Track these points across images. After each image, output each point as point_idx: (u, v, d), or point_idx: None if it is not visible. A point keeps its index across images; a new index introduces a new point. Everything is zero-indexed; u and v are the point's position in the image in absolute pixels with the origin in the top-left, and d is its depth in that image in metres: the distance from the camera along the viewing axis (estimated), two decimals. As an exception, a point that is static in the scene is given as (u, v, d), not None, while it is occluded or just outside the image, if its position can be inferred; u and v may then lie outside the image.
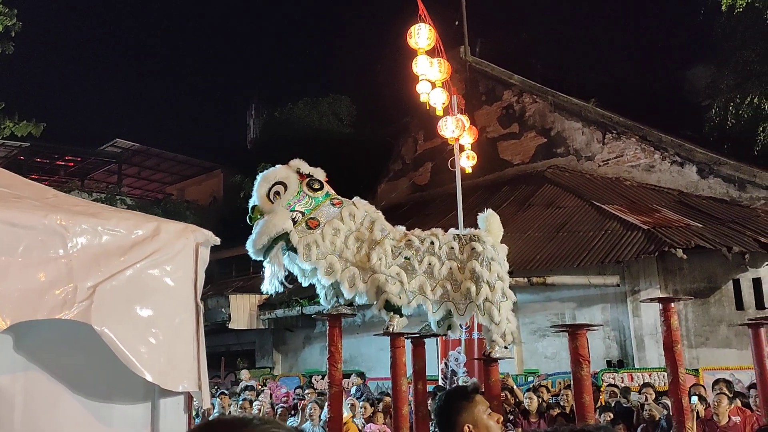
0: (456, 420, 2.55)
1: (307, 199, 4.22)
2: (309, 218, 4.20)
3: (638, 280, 12.21)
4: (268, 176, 4.26)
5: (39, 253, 1.32)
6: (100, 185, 26.12)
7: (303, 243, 4.17)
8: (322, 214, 4.24)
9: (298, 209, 4.20)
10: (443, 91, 11.20)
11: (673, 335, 4.42)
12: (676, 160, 15.52)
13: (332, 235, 4.20)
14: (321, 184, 4.29)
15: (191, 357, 1.52)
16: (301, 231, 4.18)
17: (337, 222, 4.23)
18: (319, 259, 4.19)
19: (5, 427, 1.33)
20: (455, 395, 2.74)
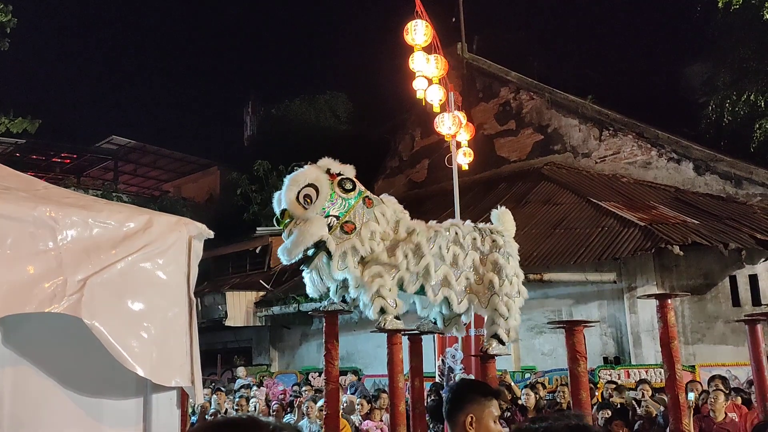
0: (464, 407, 2.55)
1: (340, 201, 4.03)
2: (344, 222, 4.02)
3: (635, 277, 12.22)
4: (297, 178, 4.06)
5: (28, 246, 1.30)
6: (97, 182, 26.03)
7: (340, 251, 4.03)
8: (357, 217, 4.08)
9: (333, 213, 4.00)
10: (440, 87, 11.17)
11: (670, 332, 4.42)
12: (672, 157, 15.53)
13: (369, 239, 4.07)
14: (353, 184, 4.09)
15: (184, 352, 1.49)
16: (337, 237, 4.02)
17: (373, 224, 4.09)
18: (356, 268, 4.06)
19: (-6, 422, 1.31)
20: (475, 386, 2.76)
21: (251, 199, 22.35)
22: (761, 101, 15.49)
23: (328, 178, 4.08)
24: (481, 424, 2.53)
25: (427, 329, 5.06)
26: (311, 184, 4.03)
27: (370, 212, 4.13)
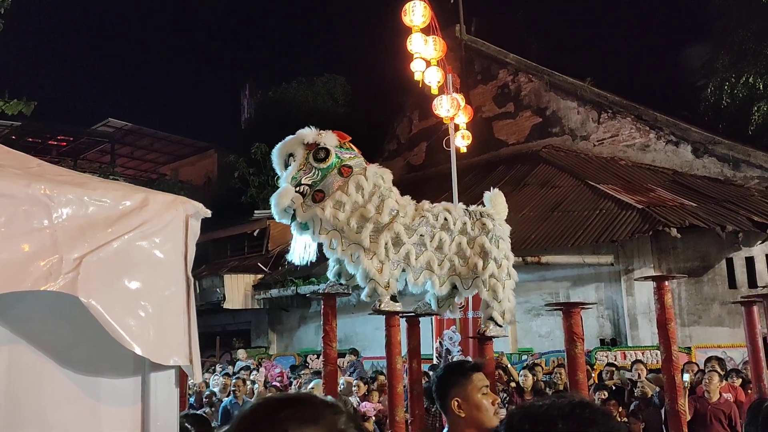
0: (447, 393, 2.55)
1: (314, 172, 4.10)
2: (315, 191, 4.08)
3: (632, 259, 12.26)
4: (280, 150, 4.18)
5: (22, 224, 1.28)
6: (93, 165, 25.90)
7: (307, 217, 4.08)
8: (327, 185, 4.12)
9: (305, 182, 4.04)
10: (438, 69, 11.11)
11: (667, 313, 4.43)
12: (671, 139, 15.50)
13: (333, 208, 4.08)
14: (327, 153, 4.12)
15: (182, 331, 1.49)
16: (306, 205, 4.09)
17: (339, 194, 4.10)
18: (322, 234, 4.11)
19: (-10, 401, 1.30)
20: (452, 369, 2.74)
21: (249, 182, 22.32)
22: (760, 83, 15.46)
23: (304, 148, 4.11)
24: (468, 402, 2.53)
25: (424, 311, 5.07)
26: (289, 154, 4.13)
27: (344, 182, 4.13)
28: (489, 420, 2.53)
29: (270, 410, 1.06)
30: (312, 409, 1.07)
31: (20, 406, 1.31)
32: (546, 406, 1.30)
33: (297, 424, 1.02)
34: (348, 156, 4.25)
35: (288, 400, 1.10)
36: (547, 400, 1.33)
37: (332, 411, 1.08)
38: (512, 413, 1.34)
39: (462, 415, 2.51)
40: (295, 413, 1.04)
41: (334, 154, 4.15)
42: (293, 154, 4.14)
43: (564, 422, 1.24)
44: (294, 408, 1.05)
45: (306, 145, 4.14)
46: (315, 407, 1.07)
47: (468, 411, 2.51)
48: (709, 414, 7.01)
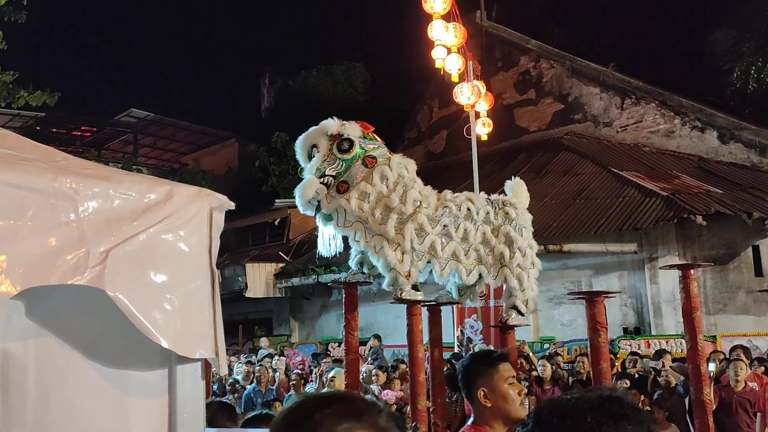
0: (474, 383, 2.55)
1: (338, 163, 4.09)
2: (340, 182, 4.07)
3: (656, 247, 12.11)
4: (303, 141, 4.16)
5: (49, 217, 1.29)
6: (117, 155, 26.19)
7: (331, 209, 4.08)
8: (351, 176, 4.11)
9: (329, 173, 4.03)
10: (459, 56, 11.02)
11: (693, 302, 4.37)
12: (696, 125, 15.24)
13: (358, 198, 4.07)
14: (351, 144, 4.10)
15: (207, 323, 1.49)
16: (331, 196, 4.08)
17: (364, 185, 4.08)
18: (347, 227, 4.10)
19: (19, 393, 1.32)
20: (479, 359, 2.74)
21: (270, 171, 22.41)
22: (788, 67, 15.12)
23: (328, 139, 4.10)
24: (495, 392, 2.52)
25: (446, 300, 5.06)
26: (313, 145, 4.12)
27: (368, 173, 4.11)
28: (515, 410, 2.53)
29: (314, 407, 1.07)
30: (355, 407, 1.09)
31: (50, 399, 1.33)
32: (575, 400, 1.28)
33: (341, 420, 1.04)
34: (372, 146, 4.24)
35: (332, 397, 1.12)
36: (576, 394, 1.31)
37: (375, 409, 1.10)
38: (541, 407, 1.33)
39: (488, 405, 2.50)
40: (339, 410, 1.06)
41: (358, 144, 4.14)
42: (317, 145, 4.14)
43: (593, 416, 1.22)
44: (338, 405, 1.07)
45: (329, 137, 4.14)
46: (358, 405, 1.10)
47: (494, 401, 2.50)
48: (735, 403, 6.92)
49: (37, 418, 1.30)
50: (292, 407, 1.11)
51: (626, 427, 1.21)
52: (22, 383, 1.29)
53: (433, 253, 4.25)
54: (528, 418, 1.33)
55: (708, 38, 20.30)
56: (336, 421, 1.03)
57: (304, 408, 1.08)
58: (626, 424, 1.21)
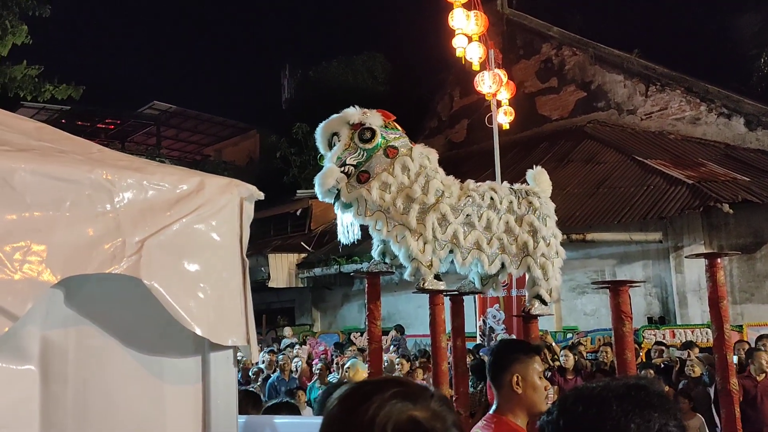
0: (508, 368, 2.57)
1: (359, 152, 4.07)
2: (360, 171, 4.05)
3: (681, 236, 11.97)
4: (324, 129, 4.16)
5: (86, 208, 1.32)
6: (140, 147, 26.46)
7: (351, 198, 4.08)
8: (372, 167, 4.10)
9: (350, 162, 4.01)
10: (480, 45, 10.95)
11: (720, 291, 4.33)
12: (722, 112, 14.99)
13: (379, 189, 4.07)
14: (372, 134, 4.08)
15: (239, 311, 1.52)
16: (351, 186, 4.08)
17: (386, 176, 4.07)
18: (367, 216, 4.10)
19: (59, 380, 1.35)
20: (516, 346, 2.78)
21: (291, 162, 22.50)
22: (817, 52, 14.79)
23: (349, 128, 4.09)
24: (527, 381, 2.55)
25: (468, 290, 5.06)
26: (334, 133, 4.12)
27: (390, 163, 4.10)
28: (541, 403, 2.55)
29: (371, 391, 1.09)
30: (410, 390, 1.10)
31: (89, 385, 1.36)
32: (600, 388, 1.28)
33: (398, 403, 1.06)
34: (393, 136, 4.23)
35: (388, 381, 1.14)
36: (601, 382, 1.31)
37: (428, 393, 1.12)
38: (565, 395, 1.33)
39: (518, 392, 2.53)
40: (395, 394, 1.08)
41: (380, 134, 4.13)
42: (338, 133, 4.14)
43: (619, 404, 1.21)
44: (394, 389, 1.09)
45: (351, 125, 4.13)
46: (413, 388, 1.11)
47: (525, 389, 2.53)
48: (759, 393, 6.85)
49: (77, 404, 1.34)
50: (349, 392, 1.13)
51: (652, 415, 1.20)
52: (62, 370, 1.33)
53: (456, 242, 4.25)
54: (552, 407, 1.33)
55: (734, 23, 19.91)
56: (393, 404, 1.05)
57: (361, 392, 1.11)
58: (652, 412, 1.20)
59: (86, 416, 1.35)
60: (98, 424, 1.37)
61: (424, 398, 1.09)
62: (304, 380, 9.54)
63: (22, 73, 10.44)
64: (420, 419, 1.05)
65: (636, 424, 1.18)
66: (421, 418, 1.05)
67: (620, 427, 1.18)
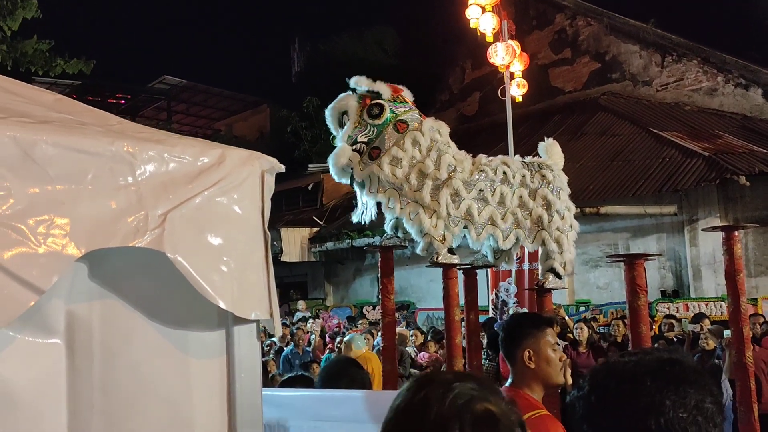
0: (520, 343, 2.56)
1: (369, 128, 4.01)
2: (372, 148, 4.00)
3: (696, 209, 11.88)
4: (333, 108, 4.12)
5: (108, 181, 1.31)
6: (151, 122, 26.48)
7: (364, 176, 4.05)
8: (383, 142, 4.06)
9: (361, 140, 3.98)
10: (493, 16, 10.79)
11: (736, 264, 4.29)
12: (740, 82, 14.74)
13: (390, 164, 4.03)
14: (381, 109, 4.04)
15: (262, 285, 1.51)
16: (363, 163, 4.05)
17: (396, 150, 4.03)
18: (379, 193, 4.07)
19: (85, 354, 1.36)
20: (527, 320, 2.77)
21: (302, 136, 22.45)
22: (839, 20, 14.45)
23: (358, 105, 4.04)
24: (539, 355, 2.54)
25: (481, 263, 5.05)
26: (343, 112, 4.08)
27: (400, 138, 4.06)
28: (556, 375, 2.55)
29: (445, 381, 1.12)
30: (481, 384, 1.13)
31: (114, 359, 1.36)
32: (633, 363, 1.25)
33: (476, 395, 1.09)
34: (402, 110, 4.18)
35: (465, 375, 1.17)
36: (633, 357, 1.28)
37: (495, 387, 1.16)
38: (597, 370, 1.30)
39: (531, 367, 2.52)
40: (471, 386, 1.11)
41: (389, 109, 4.09)
42: (347, 112, 4.10)
43: (653, 380, 1.19)
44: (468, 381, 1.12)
45: (359, 102, 4.09)
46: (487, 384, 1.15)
47: (538, 363, 2.52)
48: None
49: (103, 378, 1.34)
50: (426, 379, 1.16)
51: (688, 391, 1.17)
52: (87, 344, 1.33)
53: (470, 218, 4.22)
54: (583, 382, 1.31)
55: (753, -9, 19.48)
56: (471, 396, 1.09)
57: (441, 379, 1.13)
58: (688, 388, 1.18)
59: (113, 389, 1.35)
60: (125, 397, 1.37)
61: (493, 393, 1.13)
62: (318, 353, 9.63)
63: (33, 48, 10.42)
64: (495, 412, 1.08)
65: (671, 401, 1.16)
66: (496, 411, 1.08)
67: (655, 404, 1.16)
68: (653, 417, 1.15)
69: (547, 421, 2.32)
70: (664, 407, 1.15)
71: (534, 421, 2.31)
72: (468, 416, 1.05)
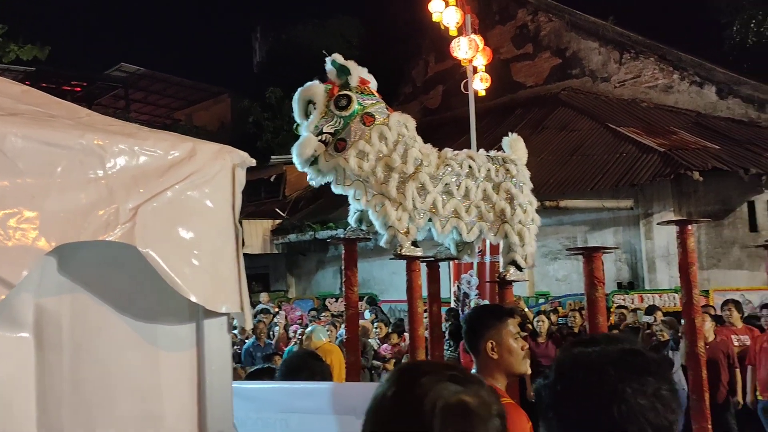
0: (482, 334, 2.61)
1: (335, 120, 4.00)
2: (338, 139, 3.99)
3: (652, 203, 12.20)
4: (301, 95, 4.06)
5: (78, 174, 1.30)
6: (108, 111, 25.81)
7: (329, 167, 4.04)
8: (351, 135, 4.06)
9: (327, 131, 3.95)
10: (457, 9, 10.86)
11: (690, 257, 4.41)
12: (695, 80, 15.16)
13: (357, 157, 4.03)
14: (349, 100, 4.03)
15: (233, 279, 1.52)
16: (329, 154, 4.03)
17: (363, 144, 4.03)
18: (347, 185, 4.07)
19: (54, 348, 1.35)
20: (488, 312, 2.81)
21: (264, 127, 22.21)
22: (789, 21, 14.96)
23: (325, 94, 4.02)
24: (502, 346, 2.59)
25: (444, 256, 5.11)
26: (310, 101, 4.03)
27: (366, 131, 4.07)
28: (519, 364, 2.60)
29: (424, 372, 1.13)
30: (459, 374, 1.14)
31: (84, 353, 1.36)
32: (596, 353, 1.31)
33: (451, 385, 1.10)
34: (370, 102, 4.17)
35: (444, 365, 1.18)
36: (597, 347, 1.33)
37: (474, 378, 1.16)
38: (562, 360, 1.35)
39: (494, 357, 2.57)
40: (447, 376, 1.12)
41: (356, 101, 4.07)
42: (313, 101, 4.06)
43: (615, 369, 1.25)
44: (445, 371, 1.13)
45: (327, 92, 4.07)
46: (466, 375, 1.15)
47: (500, 353, 2.57)
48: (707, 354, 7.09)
49: (72, 372, 1.33)
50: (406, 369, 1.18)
51: (648, 379, 1.23)
52: (57, 338, 1.32)
53: (435, 211, 4.27)
54: (549, 372, 1.36)
55: (707, -9, 19.99)
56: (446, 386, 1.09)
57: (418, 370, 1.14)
58: (648, 377, 1.23)
59: (82, 383, 1.35)
60: (94, 391, 1.37)
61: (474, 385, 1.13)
62: (282, 345, 9.60)
63: (-15, 33, 10.09)
64: (469, 403, 1.09)
65: (632, 389, 1.22)
66: (470, 401, 1.09)
67: (617, 392, 1.21)
68: (616, 404, 1.21)
69: (511, 410, 2.37)
70: (626, 395, 1.21)
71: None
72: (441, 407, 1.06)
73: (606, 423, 1.21)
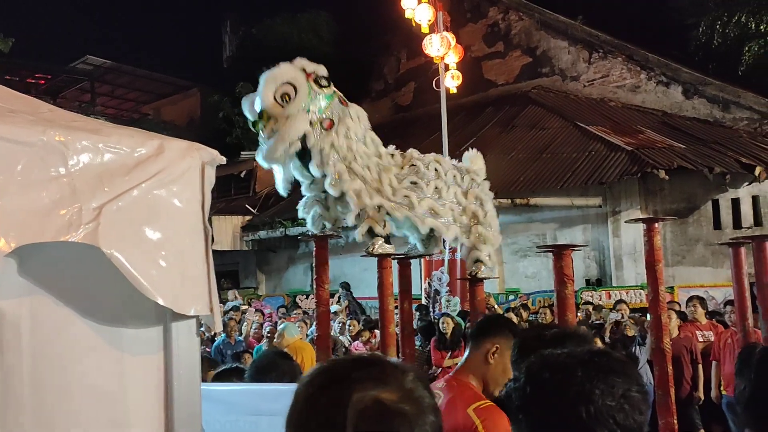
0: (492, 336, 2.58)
1: (319, 98, 3.93)
2: (323, 118, 3.93)
3: (619, 201, 12.39)
4: (275, 76, 3.92)
5: (39, 172, 1.24)
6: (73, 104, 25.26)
7: (318, 146, 3.97)
8: (334, 114, 3.97)
9: (313, 109, 3.90)
10: (429, 7, 10.88)
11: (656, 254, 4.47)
12: (661, 80, 15.43)
13: (345, 136, 3.95)
14: (328, 81, 4.02)
15: (202, 280, 1.48)
16: (318, 133, 3.97)
17: (348, 121, 4.01)
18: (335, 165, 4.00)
19: (13, 352, 1.29)
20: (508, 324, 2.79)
21: (234, 122, 21.96)
22: (752, 23, 15.29)
23: (305, 76, 3.98)
24: (502, 356, 2.54)
25: (415, 253, 5.15)
26: (289, 83, 3.92)
27: (345, 111, 4.07)
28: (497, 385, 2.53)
29: (339, 371, 1.08)
30: (381, 370, 1.08)
31: (45, 357, 1.31)
32: (564, 355, 1.32)
33: (367, 384, 1.04)
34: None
35: (357, 361, 1.12)
36: (565, 349, 1.34)
37: (400, 371, 1.09)
38: (531, 362, 1.35)
39: (490, 362, 2.53)
40: (365, 374, 1.06)
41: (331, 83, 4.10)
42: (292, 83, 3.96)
43: (583, 370, 1.25)
44: (363, 369, 1.07)
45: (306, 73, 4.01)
46: (385, 367, 1.09)
47: (495, 364, 2.53)
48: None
49: (33, 376, 1.28)
50: (322, 369, 1.11)
51: (615, 380, 1.24)
52: (16, 342, 1.27)
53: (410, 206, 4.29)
54: (519, 374, 1.36)
55: (673, -8, 20.32)
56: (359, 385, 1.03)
57: (330, 372, 1.09)
58: (615, 378, 1.25)
59: (44, 388, 1.30)
60: (56, 395, 1.32)
61: (396, 378, 1.06)
62: (252, 342, 9.51)
63: (-56, 23, 9.77)
64: (386, 401, 1.02)
65: (600, 390, 1.22)
66: (388, 400, 1.02)
67: (585, 393, 1.22)
68: (583, 405, 1.21)
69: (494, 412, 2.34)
70: (593, 396, 1.22)
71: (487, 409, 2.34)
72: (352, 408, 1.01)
73: (574, 424, 1.21)
